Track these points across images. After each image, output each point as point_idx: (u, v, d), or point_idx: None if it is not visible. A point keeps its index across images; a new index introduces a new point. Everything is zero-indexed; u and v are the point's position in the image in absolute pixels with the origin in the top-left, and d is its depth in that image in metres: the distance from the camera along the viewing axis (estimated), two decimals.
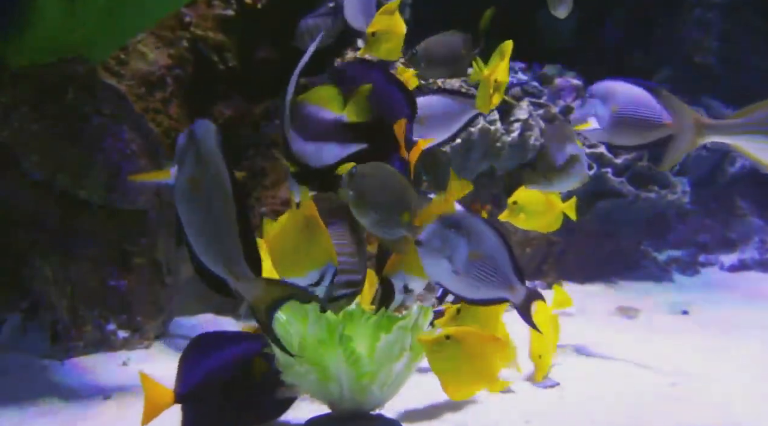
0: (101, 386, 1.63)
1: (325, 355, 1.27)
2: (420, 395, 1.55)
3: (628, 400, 1.58)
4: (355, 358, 1.26)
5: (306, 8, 2.67)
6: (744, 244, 3.56)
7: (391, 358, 1.29)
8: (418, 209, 1.25)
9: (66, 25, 1.81)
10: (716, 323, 2.44)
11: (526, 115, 2.75)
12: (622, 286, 3.04)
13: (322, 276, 1.24)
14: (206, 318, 2.25)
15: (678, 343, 2.14)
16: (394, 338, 1.29)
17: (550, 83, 3.26)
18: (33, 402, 1.51)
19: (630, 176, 3.09)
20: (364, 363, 1.27)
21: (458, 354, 1.29)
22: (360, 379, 1.28)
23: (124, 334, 1.87)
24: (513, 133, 2.70)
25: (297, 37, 2.06)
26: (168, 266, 1.99)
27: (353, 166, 1.22)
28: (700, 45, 3.96)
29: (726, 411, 1.52)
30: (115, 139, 1.89)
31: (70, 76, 1.86)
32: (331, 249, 1.25)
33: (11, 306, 1.76)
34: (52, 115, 1.82)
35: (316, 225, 1.25)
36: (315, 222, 1.25)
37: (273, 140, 2.51)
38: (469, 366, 1.31)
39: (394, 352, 1.29)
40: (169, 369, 1.77)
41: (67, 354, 1.77)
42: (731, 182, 3.59)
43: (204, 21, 2.50)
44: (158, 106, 2.28)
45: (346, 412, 1.33)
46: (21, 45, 1.80)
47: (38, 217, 1.81)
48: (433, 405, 1.52)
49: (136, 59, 2.26)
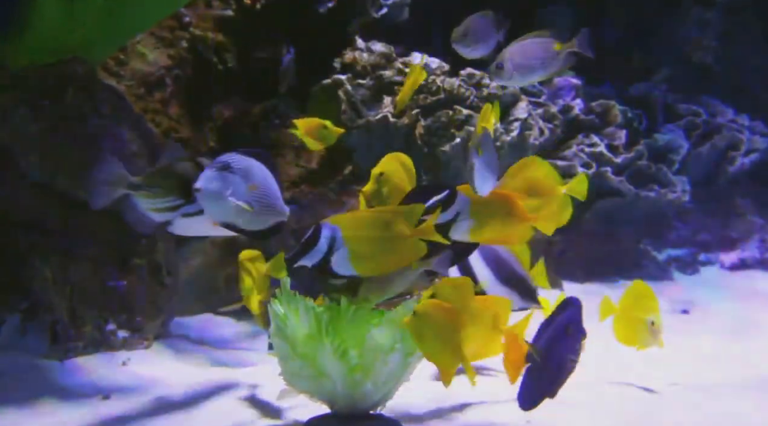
0: (101, 386, 1.63)
1: (314, 348, 1.27)
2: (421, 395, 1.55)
3: (629, 400, 1.58)
4: (342, 350, 1.26)
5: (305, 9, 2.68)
6: (744, 243, 3.55)
7: (381, 352, 1.28)
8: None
9: (65, 26, 1.81)
10: (717, 323, 2.44)
11: (525, 115, 2.75)
12: (622, 285, 3.03)
13: None
14: (206, 318, 2.25)
15: (679, 343, 2.13)
16: (383, 331, 1.29)
17: (550, 82, 3.26)
18: (33, 402, 1.51)
19: (630, 175, 3.09)
20: (351, 356, 1.26)
21: (430, 329, 1.25)
22: (351, 374, 1.27)
23: (123, 335, 1.87)
24: (512, 132, 2.70)
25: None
26: (167, 267, 1.99)
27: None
28: (699, 44, 3.96)
29: (726, 411, 1.52)
30: (114, 139, 1.89)
31: (69, 77, 1.86)
32: None
33: (11, 306, 1.76)
34: (52, 116, 1.82)
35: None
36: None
37: (273, 140, 2.51)
38: (441, 341, 1.27)
39: (384, 345, 1.28)
40: (169, 369, 1.78)
41: (66, 354, 1.77)
42: (731, 181, 3.59)
43: (203, 21, 2.50)
44: (157, 106, 2.28)
45: (345, 411, 1.33)
46: (21, 45, 1.80)
47: (38, 218, 1.81)
48: (434, 405, 1.52)
49: (135, 60, 2.26)
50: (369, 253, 1.24)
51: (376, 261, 1.25)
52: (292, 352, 1.30)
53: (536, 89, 3.12)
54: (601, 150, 3.06)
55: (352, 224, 1.24)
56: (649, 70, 3.89)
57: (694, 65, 3.96)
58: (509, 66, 1.55)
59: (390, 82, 2.55)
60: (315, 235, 1.22)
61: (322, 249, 1.22)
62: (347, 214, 1.31)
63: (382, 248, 1.25)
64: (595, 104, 3.23)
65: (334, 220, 1.25)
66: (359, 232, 1.24)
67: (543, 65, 1.56)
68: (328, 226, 1.23)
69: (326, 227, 1.23)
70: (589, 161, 3.02)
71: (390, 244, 1.25)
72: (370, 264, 1.25)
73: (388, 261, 1.27)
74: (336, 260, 1.23)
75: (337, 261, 1.23)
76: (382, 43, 2.67)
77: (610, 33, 3.95)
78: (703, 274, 3.40)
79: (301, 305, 1.31)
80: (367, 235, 1.24)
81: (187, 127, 2.37)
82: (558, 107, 3.10)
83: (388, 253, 1.25)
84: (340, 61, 2.61)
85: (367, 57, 2.61)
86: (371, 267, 1.26)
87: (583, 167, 2.97)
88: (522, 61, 1.55)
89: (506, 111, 2.78)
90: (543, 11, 3.89)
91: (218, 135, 2.49)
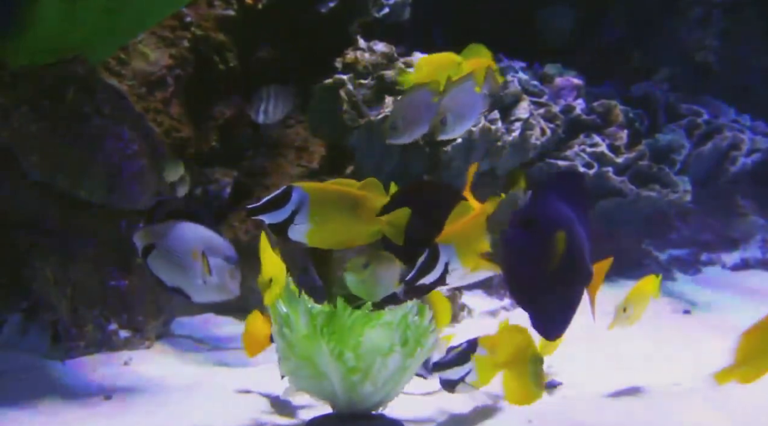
0: (102, 386, 1.62)
1: (311, 349, 1.27)
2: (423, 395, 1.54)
3: (629, 400, 1.57)
4: (339, 352, 1.26)
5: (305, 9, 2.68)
6: (746, 243, 3.55)
7: (379, 354, 1.28)
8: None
9: (66, 26, 1.81)
10: (718, 323, 2.44)
11: (526, 115, 2.75)
12: (623, 285, 3.03)
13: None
14: (207, 318, 2.25)
15: (679, 342, 2.13)
16: (379, 333, 1.29)
17: (551, 82, 3.25)
18: (34, 402, 1.51)
19: (631, 175, 3.08)
20: (348, 357, 1.26)
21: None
22: (348, 375, 1.27)
23: (125, 334, 1.87)
24: (514, 132, 2.70)
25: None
26: None
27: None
28: (700, 44, 3.95)
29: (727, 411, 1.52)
30: (115, 139, 1.89)
31: (70, 76, 1.86)
32: None
33: (12, 306, 1.76)
34: (52, 116, 1.82)
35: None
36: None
37: (274, 139, 2.51)
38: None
39: (381, 347, 1.28)
40: (171, 369, 1.78)
41: (67, 354, 1.77)
42: (733, 181, 3.59)
43: (204, 21, 2.50)
44: (159, 106, 2.28)
45: (346, 412, 1.33)
46: (21, 45, 1.80)
47: (38, 218, 1.81)
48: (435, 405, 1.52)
49: (136, 59, 2.26)
50: (326, 227, 1.26)
51: (330, 236, 1.28)
52: (291, 352, 1.30)
53: (538, 89, 3.11)
54: (602, 150, 3.05)
55: (321, 196, 1.25)
56: (650, 69, 3.88)
57: (696, 65, 3.96)
58: (400, 124, 1.60)
59: (392, 82, 2.55)
60: (285, 196, 1.23)
61: (287, 211, 1.23)
62: (319, 184, 1.30)
63: (339, 226, 1.27)
64: (596, 104, 3.23)
65: (306, 187, 1.25)
66: (326, 205, 1.25)
67: (426, 119, 1.61)
68: (299, 191, 1.24)
69: (297, 192, 1.24)
70: (591, 161, 3.01)
71: (348, 224, 1.27)
72: (323, 238, 1.27)
73: (340, 239, 1.30)
74: (295, 226, 1.24)
75: (295, 227, 1.24)
76: (383, 43, 2.66)
77: (611, 33, 3.95)
78: (704, 274, 3.39)
79: (301, 306, 1.30)
80: (331, 211, 1.26)
81: (188, 126, 2.37)
82: (559, 107, 3.09)
83: (342, 233, 1.28)
84: (341, 61, 2.61)
85: (368, 57, 2.60)
86: (322, 241, 1.29)
87: (584, 167, 2.97)
88: (411, 118, 1.60)
89: (507, 111, 2.78)
90: (543, 12, 3.88)
91: (219, 134, 2.49)
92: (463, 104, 1.61)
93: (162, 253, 1.32)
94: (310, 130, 2.61)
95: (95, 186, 1.85)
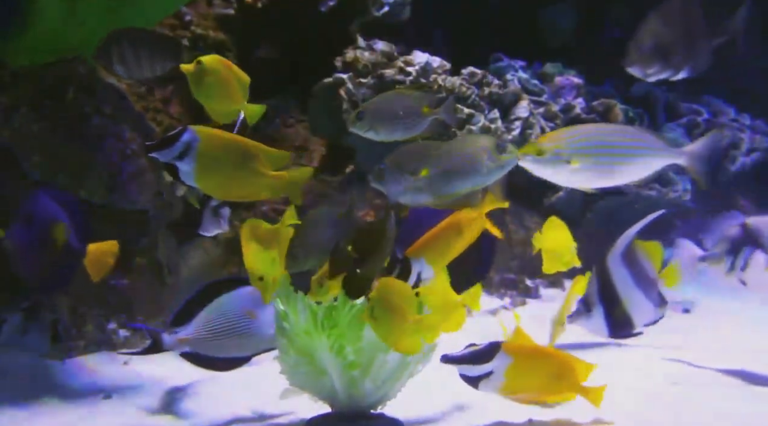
0: (102, 386, 1.63)
1: (310, 344, 1.27)
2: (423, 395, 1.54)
3: (630, 399, 1.57)
4: (339, 346, 1.26)
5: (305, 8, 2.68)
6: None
7: (380, 350, 1.28)
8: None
9: (67, 25, 1.81)
10: (718, 322, 2.44)
11: (526, 114, 2.75)
12: None
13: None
14: None
15: (679, 342, 2.14)
16: None
17: (551, 81, 3.25)
18: (34, 401, 1.51)
19: None
20: (347, 352, 1.26)
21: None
22: (348, 370, 1.27)
23: (125, 334, 1.87)
24: (513, 131, 2.70)
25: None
26: (168, 265, 1.99)
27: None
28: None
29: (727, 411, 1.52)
30: (115, 138, 1.89)
31: (70, 76, 1.86)
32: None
33: (12, 306, 1.76)
34: (53, 115, 1.82)
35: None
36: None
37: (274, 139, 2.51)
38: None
39: (383, 343, 1.27)
40: (171, 368, 1.78)
41: (67, 353, 1.77)
42: (732, 180, 3.59)
43: (204, 20, 2.50)
44: (158, 105, 2.28)
45: (346, 410, 1.33)
46: (21, 45, 1.80)
47: None
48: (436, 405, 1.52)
49: None
50: (217, 173, 1.23)
51: (222, 184, 1.25)
52: (291, 347, 1.30)
53: (537, 88, 3.11)
54: None
55: (211, 141, 1.23)
56: None
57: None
58: (369, 118, 1.50)
59: (392, 81, 2.55)
60: (176, 135, 1.21)
61: (175, 151, 1.21)
62: (215, 130, 1.27)
63: (230, 174, 1.24)
64: (596, 103, 3.23)
65: (200, 129, 1.23)
66: (215, 149, 1.23)
67: (405, 125, 1.50)
68: (191, 132, 1.21)
69: (189, 133, 1.21)
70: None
71: (241, 174, 1.24)
72: (214, 184, 1.24)
73: (232, 189, 1.26)
74: (183, 168, 1.21)
75: (184, 169, 1.21)
76: (383, 42, 2.66)
77: (612, 32, 3.95)
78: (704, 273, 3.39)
79: (300, 301, 1.30)
80: (221, 156, 1.23)
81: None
82: (559, 106, 3.09)
83: (234, 182, 1.24)
84: (341, 60, 2.61)
85: (368, 56, 2.60)
86: (214, 188, 1.26)
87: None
88: (385, 115, 1.50)
89: (507, 110, 2.78)
90: (544, 11, 3.88)
91: None
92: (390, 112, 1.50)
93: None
94: (310, 129, 2.61)
95: (95, 186, 1.85)
